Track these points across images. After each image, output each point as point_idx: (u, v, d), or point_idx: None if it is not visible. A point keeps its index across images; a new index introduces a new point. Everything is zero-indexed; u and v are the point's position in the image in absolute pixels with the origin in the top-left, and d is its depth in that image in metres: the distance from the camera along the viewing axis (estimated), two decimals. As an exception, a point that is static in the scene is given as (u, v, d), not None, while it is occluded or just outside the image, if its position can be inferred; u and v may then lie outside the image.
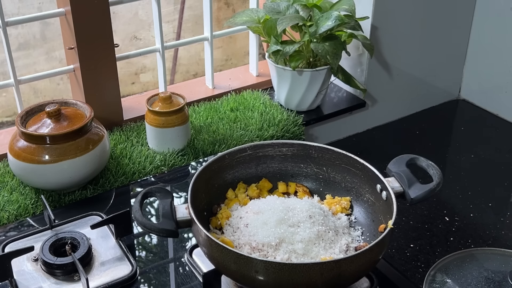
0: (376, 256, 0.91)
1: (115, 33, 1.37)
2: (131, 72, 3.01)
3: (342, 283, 0.91)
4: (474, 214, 1.28)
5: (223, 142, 1.39)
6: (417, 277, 1.09)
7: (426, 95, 1.76)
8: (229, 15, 3.04)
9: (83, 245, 1.04)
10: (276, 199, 1.07)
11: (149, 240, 1.15)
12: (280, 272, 0.85)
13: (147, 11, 2.95)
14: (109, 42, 1.35)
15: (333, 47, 1.37)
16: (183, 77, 3.12)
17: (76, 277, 1.02)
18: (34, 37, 2.83)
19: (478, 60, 1.74)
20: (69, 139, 1.18)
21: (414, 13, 1.59)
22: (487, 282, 1.02)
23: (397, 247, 1.17)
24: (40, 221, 1.16)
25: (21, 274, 1.02)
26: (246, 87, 1.62)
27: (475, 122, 1.71)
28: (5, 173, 1.26)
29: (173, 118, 1.32)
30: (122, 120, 1.45)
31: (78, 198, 1.23)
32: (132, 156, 1.33)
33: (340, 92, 1.64)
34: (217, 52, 2.99)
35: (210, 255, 0.92)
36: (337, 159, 1.09)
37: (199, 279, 1.03)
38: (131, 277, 1.03)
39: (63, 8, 1.31)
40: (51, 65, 2.87)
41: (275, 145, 1.11)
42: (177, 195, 1.26)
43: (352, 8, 1.41)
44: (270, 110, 1.50)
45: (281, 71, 1.47)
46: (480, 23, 1.69)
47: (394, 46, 1.60)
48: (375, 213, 1.04)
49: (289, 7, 1.41)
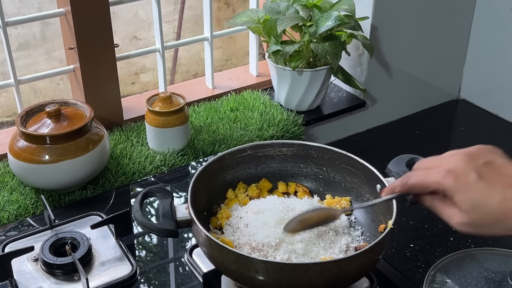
0: (376, 256, 0.91)
1: (115, 33, 1.37)
2: (131, 72, 3.02)
3: (342, 283, 0.91)
4: (474, 214, 1.28)
5: (223, 142, 1.39)
6: (417, 277, 1.09)
7: (426, 95, 1.76)
8: (229, 15, 3.04)
9: (83, 245, 1.04)
10: (276, 199, 1.07)
11: (149, 240, 1.15)
12: (280, 272, 0.85)
13: (147, 11, 2.95)
14: (109, 42, 1.35)
15: (333, 47, 1.37)
16: (183, 77, 3.12)
17: (76, 277, 1.02)
18: (34, 37, 2.83)
19: (478, 60, 1.74)
20: (69, 139, 1.18)
21: (414, 13, 1.59)
22: (487, 282, 1.02)
23: (397, 247, 1.17)
24: (40, 221, 1.16)
25: (21, 274, 1.02)
26: (246, 87, 1.62)
27: (475, 122, 1.71)
28: (5, 173, 1.27)
29: (173, 118, 1.32)
30: (122, 120, 1.45)
31: (78, 198, 1.23)
32: (132, 156, 1.33)
33: (340, 92, 1.64)
34: (217, 52, 3.00)
35: (210, 255, 0.92)
36: (337, 159, 1.09)
37: (199, 279, 1.03)
38: (131, 277, 1.03)
39: (63, 8, 1.31)
40: (51, 65, 2.87)
41: (275, 145, 1.11)
42: (177, 195, 1.26)
43: (352, 8, 1.41)
44: (270, 110, 1.50)
45: (281, 71, 1.47)
46: (480, 23, 1.69)
47: (394, 46, 1.60)
48: (375, 213, 1.04)
49: (289, 7, 1.41)
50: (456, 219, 0.75)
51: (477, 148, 0.76)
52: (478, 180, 0.72)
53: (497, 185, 0.71)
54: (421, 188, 0.78)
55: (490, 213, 0.71)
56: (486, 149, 0.76)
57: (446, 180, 0.74)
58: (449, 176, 0.73)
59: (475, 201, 0.72)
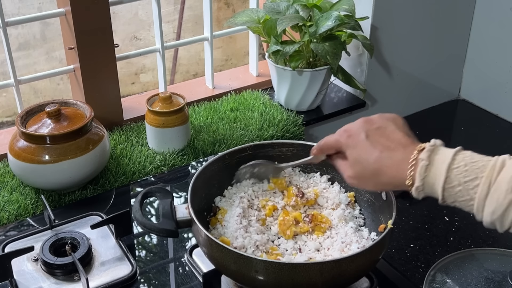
0: (376, 256, 0.91)
1: (115, 33, 1.37)
2: (131, 72, 3.02)
3: (342, 283, 0.92)
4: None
5: (223, 142, 1.39)
6: (417, 277, 1.09)
7: (426, 95, 1.76)
8: (229, 15, 3.04)
9: (83, 245, 1.04)
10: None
11: (149, 240, 1.15)
12: (280, 272, 0.85)
13: (147, 11, 2.95)
14: (109, 42, 1.35)
15: (333, 47, 1.37)
16: (183, 77, 3.12)
17: (76, 277, 1.02)
18: (34, 37, 2.83)
19: (478, 60, 1.74)
20: (69, 139, 1.18)
21: (414, 13, 1.59)
22: (487, 282, 1.02)
23: (397, 247, 1.17)
24: (40, 221, 1.16)
25: (21, 274, 1.02)
26: (246, 87, 1.62)
27: (475, 122, 1.71)
28: (5, 173, 1.27)
29: (173, 118, 1.32)
30: (122, 120, 1.45)
31: (78, 198, 1.23)
32: (132, 156, 1.33)
33: (340, 92, 1.64)
34: (217, 52, 3.00)
35: (210, 255, 0.92)
36: (337, 159, 1.08)
37: (199, 279, 1.03)
38: (131, 277, 1.03)
39: (63, 8, 1.31)
40: (51, 65, 2.87)
41: (275, 145, 1.11)
42: (177, 195, 1.26)
43: (352, 8, 1.41)
44: (270, 110, 1.50)
45: (281, 71, 1.47)
46: (480, 23, 1.69)
47: (394, 46, 1.60)
48: (375, 213, 1.04)
49: (289, 7, 1.41)
50: (346, 172, 0.87)
51: (377, 115, 0.87)
52: (365, 139, 0.84)
53: (379, 145, 0.83)
54: (328, 146, 0.92)
55: (368, 168, 0.83)
56: (385, 117, 0.87)
57: (341, 137, 0.88)
58: (344, 134, 0.88)
59: (358, 156, 0.84)
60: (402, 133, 0.84)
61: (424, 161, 0.78)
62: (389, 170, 0.81)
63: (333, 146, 0.91)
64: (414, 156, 0.79)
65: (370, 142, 0.83)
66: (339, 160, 0.90)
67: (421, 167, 0.78)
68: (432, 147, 0.79)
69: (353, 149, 0.85)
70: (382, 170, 0.82)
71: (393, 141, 0.83)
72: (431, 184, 0.78)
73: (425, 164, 0.78)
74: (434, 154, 0.78)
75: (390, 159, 0.81)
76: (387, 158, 0.81)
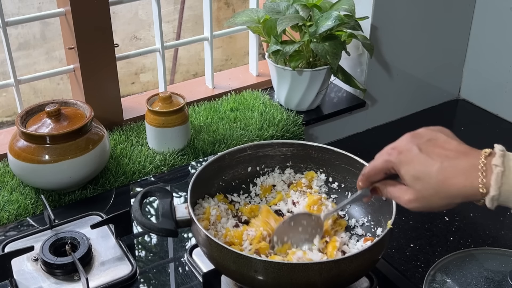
0: (375, 256, 0.91)
1: (115, 33, 1.37)
2: (131, 72, 3.02)
3: (341, 283, 0.92)
4: (474, 214, 1.28)
5: (223, 142, 1.39)
6: (417, 277, 1.09)
7: (426, 95, 1.76)
8: (229, 15, 3.04)
9: (83, 245, 1.05)
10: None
11: (149, 240, 1.15)
12: (279, 271, 0.85)
13: (147, 11, 2.95)
14: (109, 42, 1.35)
15: (333, 47, 1.37)
16: (183, 77, 3.12)
17: (76, 277, 1.02)
18: (34, 37, 2.83)
19: (478, 60, 1.74)
20: (69, 139, 1.18)
21: (414, 13, 1.59)
22: (487, 282, 1.02)
23: (397, 247, 1.17)
24: (40, 221, 1.16)
25: (21, 274, 1.02)
26: (246, 87, 1.62)
27: (475, 122, 1.71)
28: (5, 173, 1.27)
29: (173, 118, 1.32)
30: (122, 120, 1.45)
31: (78, 198, 1.23)
32: (132, 156, 1.33)
33: (340, 92, 1.64)
34: (217, 52, 3.00)
35: (210, 255, 0.92)
36: (337, 159, 1.09)
37: (199, 279, 1.03)
38: (131, 277, 1.03)
39: (63, 8, 1.31)
40: (51, 65, 2.87)
41: (275, 145, 1.11)
42: (177, 195, 1.26)
43: (352, 8, 1.41)
44: (270, 110, 1.50)
45: (281, 71, 1.47)
46: (480, 23, 1.69)
47: (394, 46, 1.60)
48: (375, 213, 1.04)
49: (289, 7, 1.41)
50: (404, 196, 0.78)
51: (423, 129, 0.80)
52: (419, 153, 0.76)
53: (436, 156, 0.75)
54: (374, 172, 0.83)
55: (431, 182, 0.75)
56: (432, 129, 0.80)
57: (391, 156, 0.79)
58: (393, 152, 0.79)
59: (417, 172, 0.76)
60: (456, 141, 0.78)
61: (499, 167, 0.71)
62: (456, 180, 0.73)
63: (382, 168, 0.81)
64: (483, 162, 0.73)
65: (426, 154, 0.76)
66: (389, 187, 0.81)
67: (496, 174, 0.71)
68: (503, 151, 0.73)
69: (408, 165, 0.77)
70: (448, 182, 0.74)
71: (450, 150, 0.76)
72: (509, 192, 0.71)
73: (501, 171, 0.71)
74: (508, 159, 0.72)
75: (455, 168, 0.74)
76: (450, 168, 0.74)
